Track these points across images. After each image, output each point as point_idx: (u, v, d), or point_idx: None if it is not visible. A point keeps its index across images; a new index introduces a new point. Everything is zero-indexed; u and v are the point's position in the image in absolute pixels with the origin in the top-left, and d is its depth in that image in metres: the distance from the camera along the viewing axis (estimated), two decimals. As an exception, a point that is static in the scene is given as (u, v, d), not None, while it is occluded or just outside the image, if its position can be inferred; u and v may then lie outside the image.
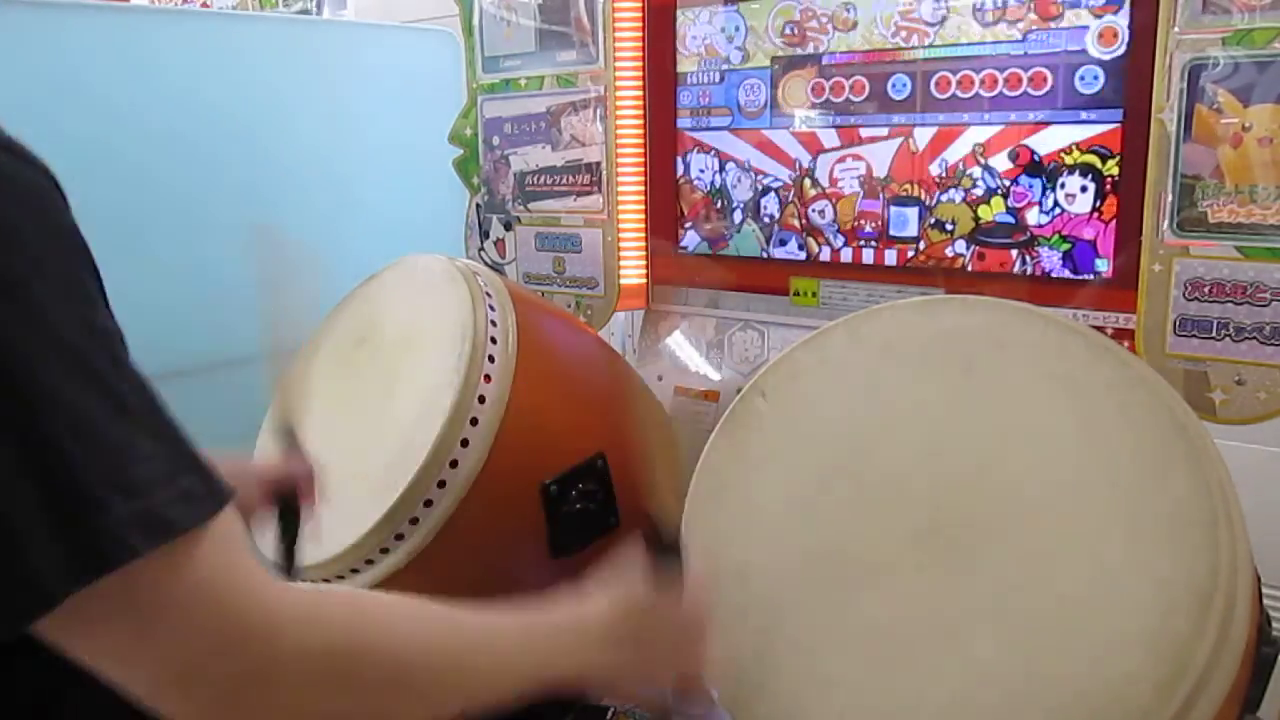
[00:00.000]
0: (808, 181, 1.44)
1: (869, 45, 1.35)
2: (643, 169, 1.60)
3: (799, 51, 1.42)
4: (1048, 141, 1.23)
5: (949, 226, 1.32)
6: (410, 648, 0.62)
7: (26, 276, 0.50)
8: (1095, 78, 1.18)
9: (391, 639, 0.61)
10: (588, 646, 0.74)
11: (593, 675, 0.75)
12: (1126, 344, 1.12)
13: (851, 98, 1.38)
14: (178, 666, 0.52)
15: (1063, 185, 1.22)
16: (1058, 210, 1.23)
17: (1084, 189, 1.21)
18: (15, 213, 0.51)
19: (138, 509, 0.50)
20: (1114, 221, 1.19)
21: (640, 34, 1.57)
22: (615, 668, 0.75)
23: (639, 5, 1.56)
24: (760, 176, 1.48)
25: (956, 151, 1.30)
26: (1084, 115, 1.20)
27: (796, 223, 1.46)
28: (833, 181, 1.41)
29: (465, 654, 0.66)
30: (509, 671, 0.69)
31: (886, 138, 1.36)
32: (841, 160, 1.40)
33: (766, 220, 1.50)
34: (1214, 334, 1.08)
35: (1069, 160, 1.21)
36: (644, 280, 1.64)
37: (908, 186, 1.35)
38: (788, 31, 1.42)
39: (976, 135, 1.28)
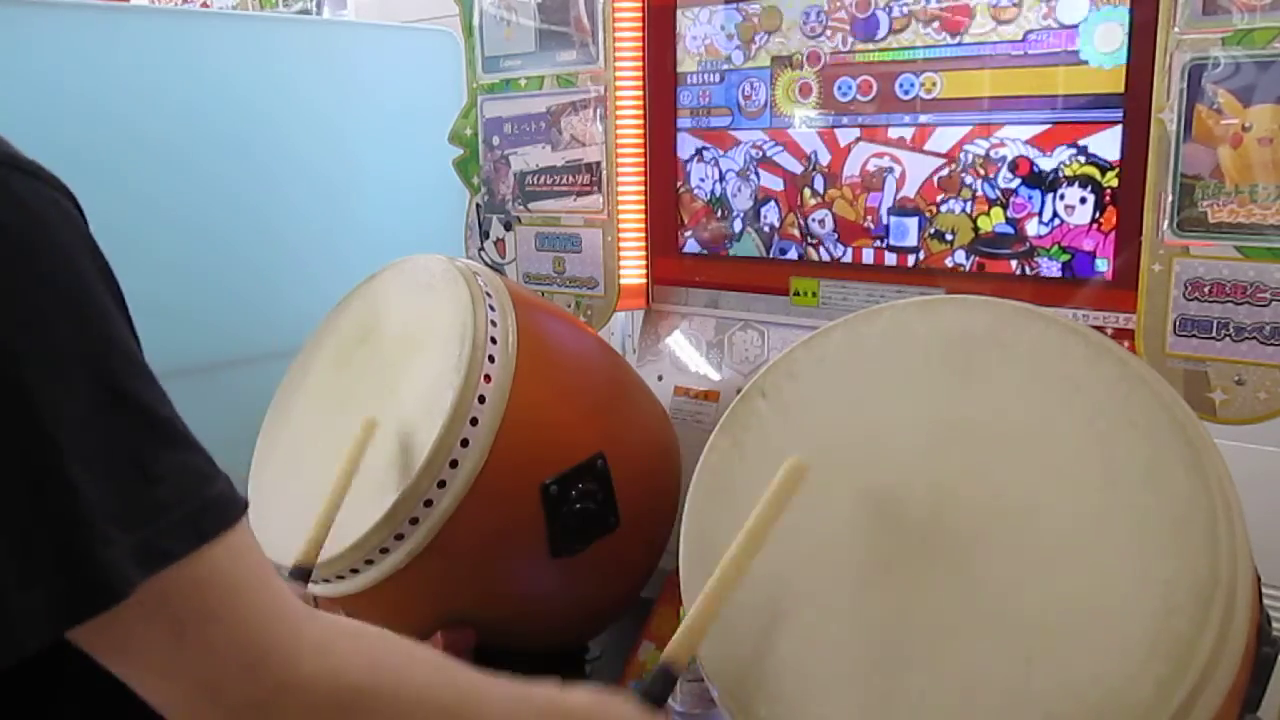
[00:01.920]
0: (807, 191, 1.44)
1: (869, 45, 1.35)
2: (643, 169, 1.60)
3: (799, 51, 1.42)
4: (1047, 143, 1.22)
5: (949, 237, 1.32)
6: (416, 701, 0.63)
7: (48, 297, 0.51)
8: (1095, 78, 1.18)
9: (401, 688, 0.62)
10: None
11: None
12: (1126, 344, 1.12)
13: (858, 97, 1.38)
14: (205, 679, 0.53)
15: (1062, 196, 1.22)
16: (1057, 221, 1.23)
17: (1083, 200, 1.21)
18: (35, 234, 0.51)
19: (174, 518, 0.52)
20: (1113, 233, 1.19)
21: (640, 34, 1.57)
22: None
23: (639, 5, 1.56)
24: (760, 177, 1.49)
25: (961, 153, 1.30)
26: (1083, 116, 1.19)
27: (796, 232, 1.46)
28: (833, 181, 1.41)
29: (459, 713, 0.66)
30: None
31: (887, 139, 1.36)
32: (848, 154, 1.40)
33: (766, 229, 1.50)
34: (1214, 334, 1.08)
35: (1068, 171, 1.21)
36: (644, 280, 1.64)
37: (906, 197, 1.34)
38: (789, 32, 1.42)
39: (976, 136, 1.28)
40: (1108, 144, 1.18)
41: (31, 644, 0.49)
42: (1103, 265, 1.21)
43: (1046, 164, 1.23)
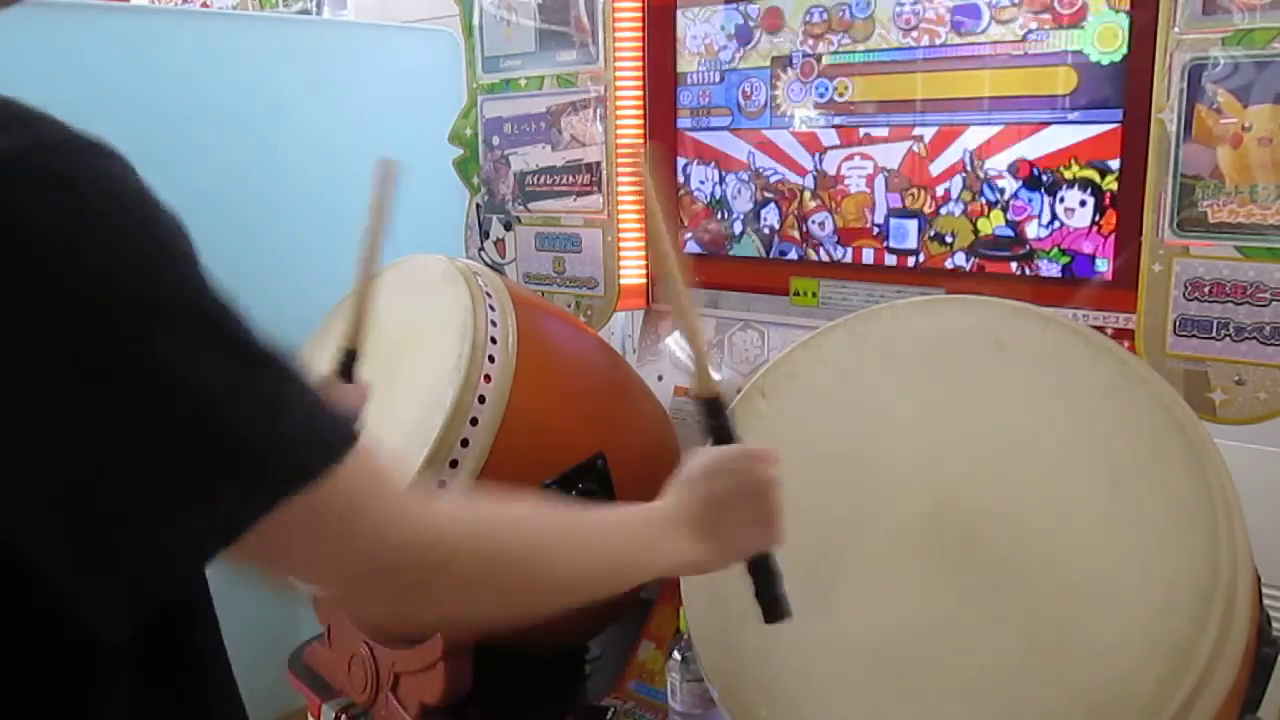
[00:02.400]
0: (807, 194, 1.44)
1: (870, 45, 1.35)
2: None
3: (799, 51, 1.42)
4: (1047, 144, 1.22)
5: (949, 239, 1.32)
6: (541, 548, 0.70)
7: (168, 259, 0.56)
8: (1095, 78, 1.18)
9: (527, 542, 0.69)
10: (680, 537, 0.78)
11: (688, 562, 0.79)
12: (1126, 344, 1.12)
13: (852, 99, 1.38)
14: (361, 574, 0.60)
15: (1062, 199, 1.22)
16: (1057, 224, 1.23)
17: (1083, 203, 1.21)
18: (135, 201, 0.56)
19: (310, 437, 0.57)
20: (1113, 235, 1.19)
21: (640, 34, 1.57)
22: (706, 550, 0.78)
23: (639, 5, 1.56)
24: (759, 177, 1.48)
25: (956, 154, 1.30)
26: (1083, 116, 1.19)
27: (796, 234, 1.46)
28: (836, 181, 1.41)
29: (587, 550, 0.74)
30: (623, 565, 0.76)
31: (887, 139, 1.36)
32: (850, 159, 1.40)
33: (766, 231, 1.50)
34: (1214, 334, 1.08)
35: (1068, 174, 1.21)
36: (644, 280, 1.64)
37: (913, 193, 1.34)
38: (789, 31, 1.42)
39: (976, 136, 1.28)
40: (1108, 143, 1.18)
41: (215, 547, 0.54)
42: (1103, 265, 1.21)
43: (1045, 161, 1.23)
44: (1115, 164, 1.17)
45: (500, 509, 0.70)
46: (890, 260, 1.38)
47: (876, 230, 1.38)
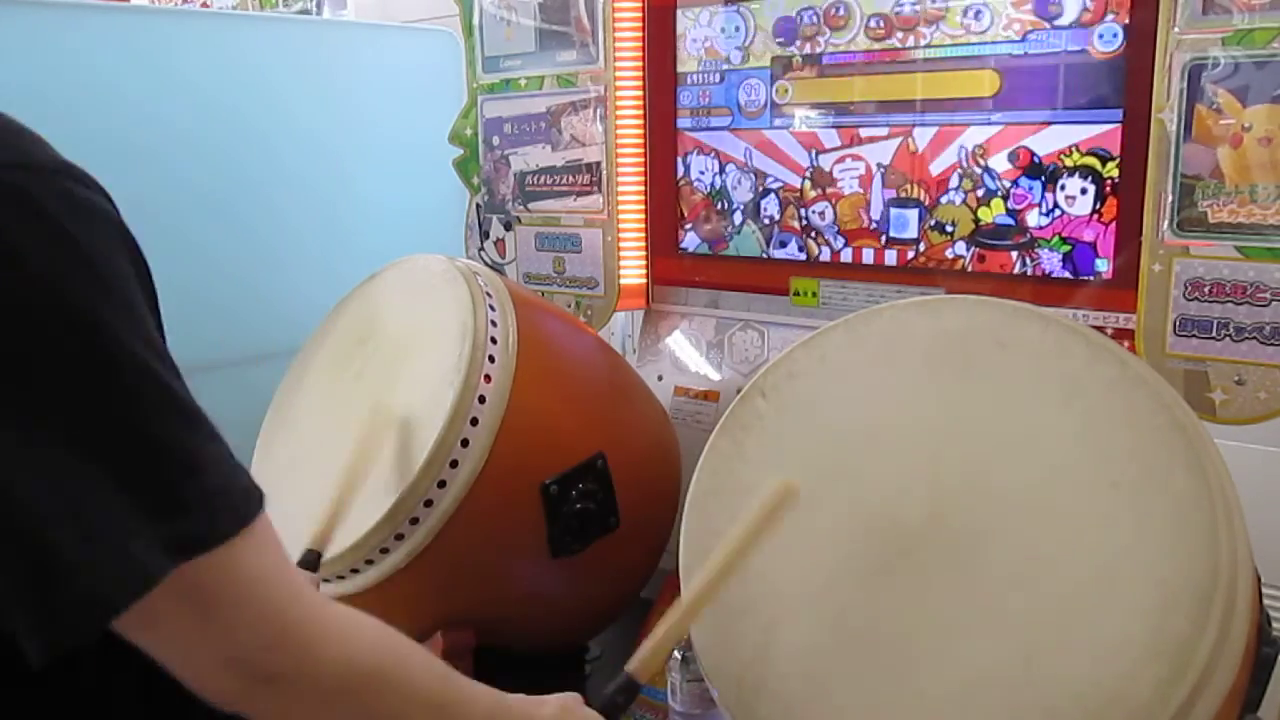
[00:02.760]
0: (808, 184, 1.44)
1: (870, 45, 1.35)
2: (643, 169, 1.60)
3: (799, 51, 1.42)
4: (1048, 143, 1.23)
5: (949, 228, 1.32)
6: (417, 691, 0.68)
7: (101, 300, 0.55)
8: (1095, 78, 1.18)
9: (407, 678, 0.68)
10: None
11: None
12: (1126, 344, 1.12)
13: (852, 98, 1.38)
14: (228, 656, 0.58)
15: (1063, 187, 1.22)
16: (1058, 212, 1.23)
17: (1084, 191, 1.21)
18: (91, 239, 0.56)
19: (211, 507, 0.56)
20: (1114, 223, 1.19)
21: (640, 34, 1.57)
22: None
23: (639, 5, 1.56)
24: (760, 177, 1.49)
25: (956, 152, 1.30)
26: (1084, 116, 1.19)
27: (796, 224, 1.46)
28: (834, 180, 1.41)
29: (449, 711, 0.72)
30: None
31: (886, 138, 1.36)
32: (841, 160, 1.40)
33: (766, 221, 1.50)
34: (1214, 334, 1.08)
35: (1069, 162, 1.21)
36: (644, 280, 1.64)
37: (907, 187, 1.35)
38: (789, 31, 1.42)
39: (976, 136, 1.28)
40: (1108, 142, 1.18)
41: (85, 631, 0.53)
42: (1103, 265, 1.21)
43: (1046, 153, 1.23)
44: (1115, 147, 1.18)
45: (381, 630, 0.68)
46: (890, 252, 1.38)
47: (874, 226, 1.38)
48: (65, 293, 0.54)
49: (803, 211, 1.45)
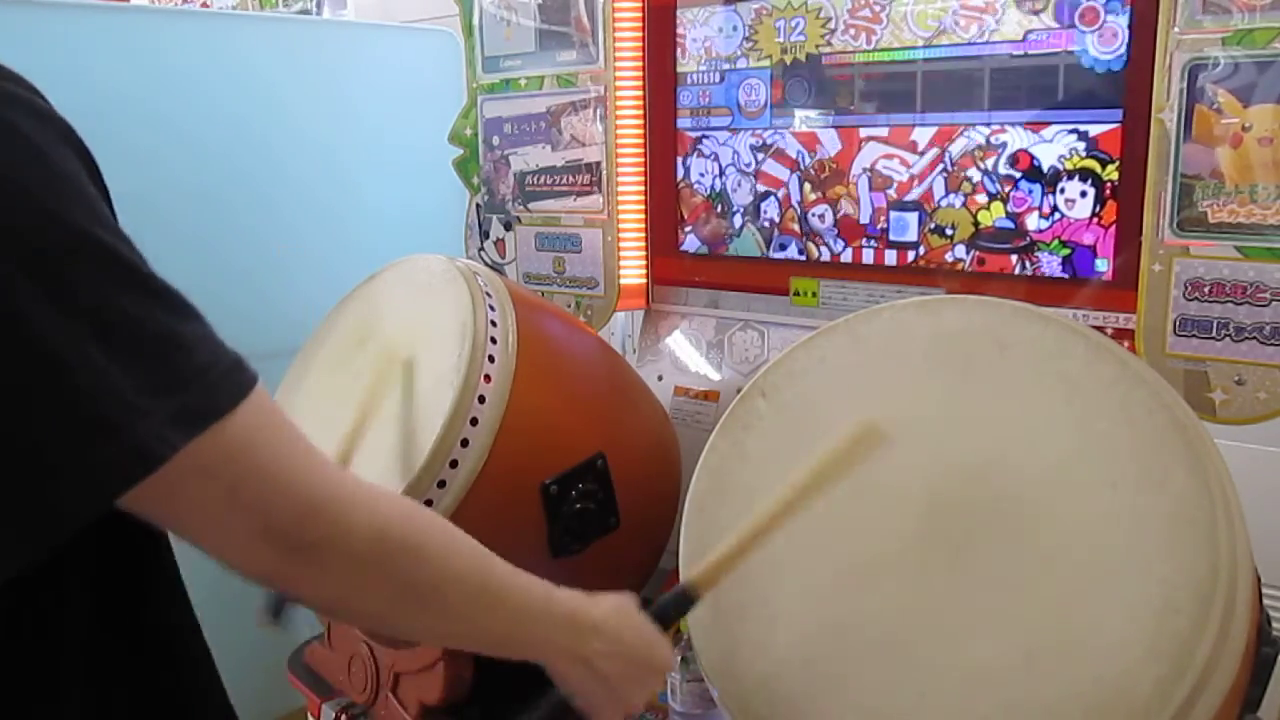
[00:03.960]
0: (807, 185, 1.44)
1: (869, 45, 1.35)
2: (643, 169, 1.60)
3: (799, 52, 1.42)
4: (1048, 144, 1.22)
5: (949, 231, 1.32)
6: (453, 567, 0.68)
7: (55, 191, 0.55)
8: (1095, 78, 1.18)
9: (444, 553, 0.68)
10: (579, 640, 0.77)
11: (566, 669, 0.77)
12: (1126, 344, 1.12)
13: (852, 98, 1.38)
14: (261, 528, 0.58)
15: (1062, 190, 1.22)
16: (1057, 215, 1.23)
17: (1083, 194, 1.21)
18: (32, 128, 0.55)
19: (206, 380, 0.56)
20: (1113, 227, 1.19)
21: (640, 34, 1.57)
22: (583, 672, 0.77)
23: (639, 5, 1.56)
24: (759, 179, 1.49)
25: (956, 152, 1.30)
26: (1083, 115, 1.19)
27: (796, 227, 1.46)
28: (833, 181, 1.41)
29: (492, 591, 0.71)
30: (515, 626, 0.74)
31: (887, 139, 1.36)
32: (841, 160, 1.40)
33: (766, 224, 1.50)
34: (1214, 334, 1.08)
35: (1069, 165, 1.21)
36: (644, 280, 1.64)
37: (907, 189, 1.35)
38: (788, 32, 1.42)
39: (976, 136, 1.28)
40: (1109, 139, 1.18)
41: (85, 514, 0.53)
42: (1103, 265, 1.21)
43: (1047, 156, 1.23)
44: (1115, 148, 1.17)
45: (415, 504, 0.69)
46: (890, 256, 1.38)
47: (875, 230, 1.38)
48: (21, 184, 0.53)
49: (803, 214, 1.45)
